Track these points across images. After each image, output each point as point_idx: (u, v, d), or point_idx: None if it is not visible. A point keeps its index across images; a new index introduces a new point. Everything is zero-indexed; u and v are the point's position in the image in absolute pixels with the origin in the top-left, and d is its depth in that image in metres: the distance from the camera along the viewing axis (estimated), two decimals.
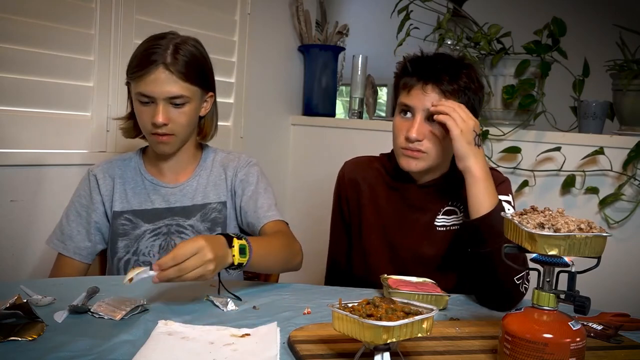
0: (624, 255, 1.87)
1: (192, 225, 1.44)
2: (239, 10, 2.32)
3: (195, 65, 1.37)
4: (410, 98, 1.33)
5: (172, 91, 1.33)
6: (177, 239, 1.42)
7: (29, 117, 1.69)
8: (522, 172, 2.05)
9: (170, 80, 1.33)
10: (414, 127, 1.31)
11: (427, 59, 1.37)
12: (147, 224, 1.42)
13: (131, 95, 1.41)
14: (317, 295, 1.23)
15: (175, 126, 1.36)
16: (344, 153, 1.69)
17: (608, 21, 2.07)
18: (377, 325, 0.77)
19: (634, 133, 1.91)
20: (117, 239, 1.42)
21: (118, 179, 1.45)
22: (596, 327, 1.07)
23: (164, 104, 1.34)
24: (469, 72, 1.34)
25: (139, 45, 1.39)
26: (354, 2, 4.72)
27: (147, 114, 1.35)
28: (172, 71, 1.33)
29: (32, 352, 0.84)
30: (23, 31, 1.64)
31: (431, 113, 1.30)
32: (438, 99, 1.30)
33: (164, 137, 1.36)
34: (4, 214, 1.65)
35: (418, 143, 1.31)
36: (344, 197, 1.52)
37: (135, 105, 1.38)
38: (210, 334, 0.95)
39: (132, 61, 1.38)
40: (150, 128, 1.36)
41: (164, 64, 1.32)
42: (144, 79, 1.32)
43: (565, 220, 0.82)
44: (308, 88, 2.67)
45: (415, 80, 1.33)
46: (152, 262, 1.39)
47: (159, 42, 1.35)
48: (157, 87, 1.32)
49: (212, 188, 1.49)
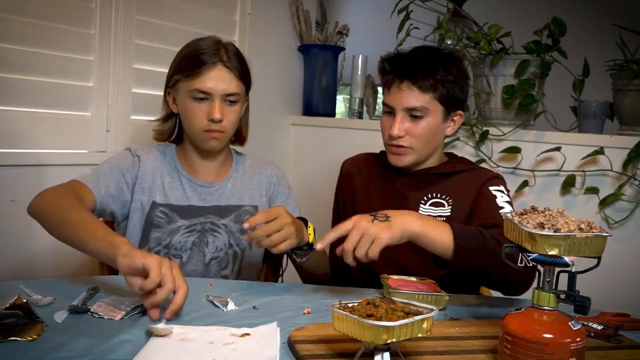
0: (624, 255, 1.87)
1: (225, 224, 1.46)
2: (239, 10, 2.32)
3: (245, 66, 1.44)
4: (389, 97, 1.40)
5: (230, 88, 1.38)
6: (210, 237, 1.44)
7: (28, 117, 1.69)
8: (522, 172, 2.05)
9: (228, 78, 1.38)
10: (395, 125, 1.38)
11: (402, 56, 1.42)
12: (183, 220, 1.43)
13: (171, 96, 1.45)
14: (317, 295, 1.24)
15: (227, 123, 1.40)
16: (344, 153, 1.69)
17: (608, 21, 2.06)
18: (377, 325, 0.77)
19: (634, 133, 1.91)
20: (150, 229, 1.42)
21: (157, 170, 1.46)
22: (596, 327, 1.07)
23: (220, 100, 1.37)
24: (446, 63, 1.38)
25: (185, 48, 1.44)
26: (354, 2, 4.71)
27: (202, 111, 1.38)
28: (230, 69, 1.38)
29: (32, 352, 0.84)
30: (23, 31, 1.64)
31: (410, 109, 1.36)
32: (414, 95, 1.36)
33: (217, 134, 1.39)
34: (4, 214, 1.65)
35: (400, 139, 1.38)
36: (341, 192, 1.59)
37: (185, 103, 1.40)
38: (210, 334, 0.95)
39: (180, 61, 1.41)
40: (205, 124, 1.38)
41: (222, 61, 1.37)
42: (202, 76, 1.36)
43: (566, 220, 0.82)
44: (308, 88, 2.67)
45: (392, 78, 1.39)
46: (183, 257, 1.42)
47: (213, 43, 1.40)
48: (217, 84, 1.36)
49: (246, 191, 1.51)
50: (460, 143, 2.15)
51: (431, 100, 1.37)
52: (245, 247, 1.48)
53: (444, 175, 1.45)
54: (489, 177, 1.43)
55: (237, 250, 1.47)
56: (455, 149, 2.15)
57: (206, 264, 1.44)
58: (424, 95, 1.36)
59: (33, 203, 1.26)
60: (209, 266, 1.44)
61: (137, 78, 1.96)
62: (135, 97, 1.96)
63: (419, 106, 1.36)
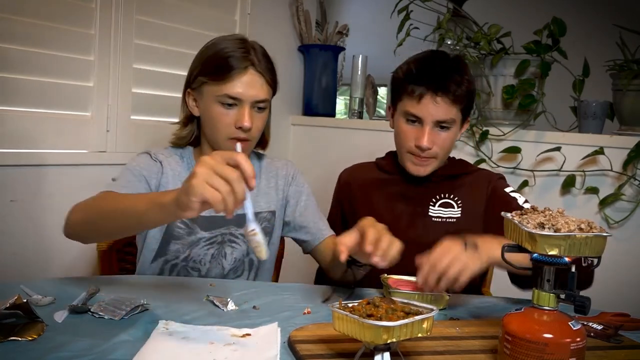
0: (624, 255, 1.87)
1: (242, 234, 1.39)
2: (239, 10, 2.32)
3: (274, 69, 1.35)
4: (419, 108, 1.36)
5: (260, 95, 1.30)
6: (228, 248, 1.39)
7: (28, 117, 1.69)
8: (522, 172, 2.05)
9: (259, 84, 1.30)
10: (425, 136, 1.36)
11: (431, 63, 1.39)
12: (204, 232, 1.36)
13: (191, 97, 1.36)
14: (317, 295, 1.23)
15: (255, 130, 1.32)
16: (344, 153, 1.69)
17: (608, 21, 2.07)
18: (377, 325, 0.77)
19: (634, 133, 1.91)
20: (170, 240, 1.35)
21: (177, 176, 1.37)
22: (596, 327, 1.07)
23: (249, 107, 1.30)
24: (467, 69, 1.40)
25: (209, 47, 1.34)
26: (354, 2, 4.72)
27: (230, 117, 1.29)
28: (261, 74, 1.30)
29: (32, 352, 0.84)
30: (23, 31, 1.64)
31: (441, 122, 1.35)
32: (447, 108, 1.35)
33: (244, 143, 1.30)
34: (4, 214, 1.65)
35: (428, 151, 1.37)
36: (340, 199, 1.60)
37: (211, 108, 1.31)
38: (210, 334, 0.95)
39: (206, 62, 1.32)
40: (232, 132, 1.30)
41: (253, 65, 1.29)
42: (233, 81, 1.27)
43: (566, 220, 0.82)
44: (308, 88, 2.67)
45: (424, 89, 1.35)
46: (201, 270, 1.38)
47: (240, 43, 1.31)
48: (247, 90, 1.28)
49: (263, 197, 1.44)
50: (460, 143, 2.14)
51: (458, 112, 1.38)
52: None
53: (448, 178, 1.46)
54: (495, 177, 1.45)
55: (253, 258, 1.42)
56: (455, 149, 2.15)
57: (224, 275, 1.40)
58: (454, 107, 1.36)
59: (68, 221, 1.16)
60: (226, 278, 1.40)
61: (137, 78, 1.96)
62: (135, 97, 1.96)
63: (449, 119, 1.37)
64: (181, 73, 2.10)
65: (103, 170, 1.88)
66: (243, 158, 0.89)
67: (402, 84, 1.39)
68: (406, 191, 1.46)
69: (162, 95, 2.05)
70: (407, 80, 1.38)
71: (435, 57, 1.43)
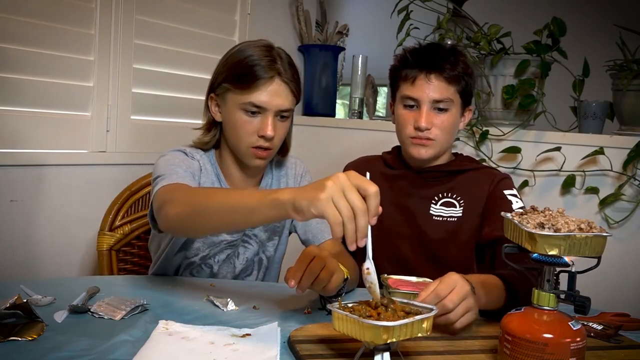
0: (624, 255, 1.87)
1: (255, 234, 1.41)
2: (239, 10, 2.32)
3: (298, 78, 1.34)
4: (414, 89, 1.38)
5: (285, 104, 1.29)
6: (241, 249, 1.40)
7: (29, 117, 1.69)
8: (522, 172, 2.04)
9: (285, 93, 1.29)
10: (422, 117, 1.37)
11: (425, 49, 1.42)
12: (226, 234, 1.37)
13: (214, 102, 1.34)
14: (317, 295, 1.23)
15: (277, 140, 1.31)
16: (344, 153, 1.69)
17: (608, 21, 2.07)
18: (377, 325, 0.77)
19: (634, 133, 1.91)
20: (194, 239, 1.36)
21: (207, 176, 1.37)
22: (596, 327, 1.07)
23: (273, 116, 1.28)
24: (464, 58, 1.42)
25: (237, 53, 1.31)
26: (354, 2, 4.72)
27: (253, 126, 1.28)
28: (287, 83, 1.29)
29: (32, 352, 0.84)
30: (23, 31, 1.65)
31: (437, 101, 1.36)
32: (442, 87, 1.36)
33: (264, 152, 1.30)
34: (4, 214, 1.65)
35: (427, 131, 1.38)
36: None
37: (234, 115, 1.29)
38: (210, 334, 0.95)
39: (231, 69, 1.30)
40: (254, 140, 1.29)
41: (279, 75, 1.27)
42: (258, 90, 1.26)
43: (566, 220, 0.82)
44: (308, 88, 2.66)
45: (417, 71, 1.38)
46: (214, 267, 1.38)
47: (266, 51, 1.29)
48: (272, 99, 1.27)
49: None
50: (460, 143, 2.14)
51: (455, 93, 1.39)
52: (271, 254, 1.46)
53: (451, 173, 1.45)
54: (500, 178, 1.43)
55: (262, 257, 1.44)
56: (455, 149, 2.15)
57: (235, 275, 1.41)
58: (449, 87, 1.37)
59: (167, 215, 1.11)
60: (237, 277, 1.41)
61: (137, 78, 1.96)
62: (135, 97, 1.96)
63: (446, 98, 1.37)
64: (181, 73, 2.11)
65: (103, 170, 1.88)
66: (375, 193, 0.85)
67: (398, 71, 1.42)
68: (409, 187, 1.46)
69: (162, 95, 2.05)
70: (402, 66, 1.41)
71: (431, 45, 1.46)
